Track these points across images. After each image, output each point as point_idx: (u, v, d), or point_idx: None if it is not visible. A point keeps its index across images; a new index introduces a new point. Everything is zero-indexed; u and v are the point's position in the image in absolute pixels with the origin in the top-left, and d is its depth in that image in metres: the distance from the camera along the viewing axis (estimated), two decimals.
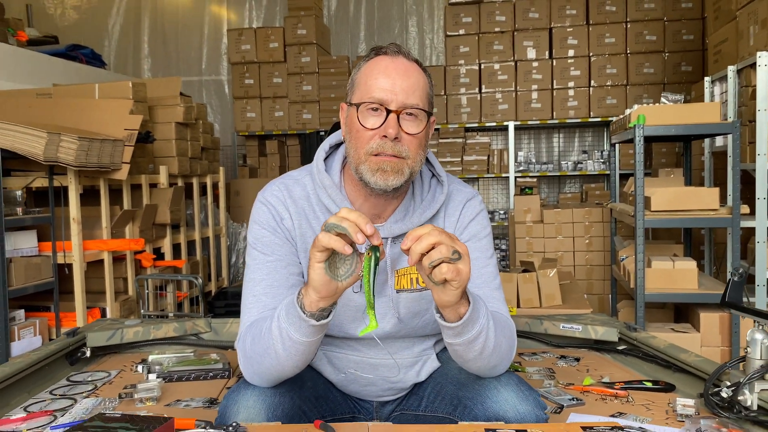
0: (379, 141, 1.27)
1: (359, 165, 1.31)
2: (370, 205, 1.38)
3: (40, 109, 3.92)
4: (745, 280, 1.61)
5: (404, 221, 1.38)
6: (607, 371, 1.87)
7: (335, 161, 1.43)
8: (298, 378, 1.37)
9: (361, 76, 1.33)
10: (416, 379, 1.47)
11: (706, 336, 3.41)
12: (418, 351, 1.47)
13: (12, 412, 1.52)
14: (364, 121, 1.29)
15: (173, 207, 4.29)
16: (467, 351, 1.23)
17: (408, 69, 1.31)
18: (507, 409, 1.27)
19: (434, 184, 1.46)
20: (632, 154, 3.48)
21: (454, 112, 6.40)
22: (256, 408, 1.25)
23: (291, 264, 1.36)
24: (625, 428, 1.24)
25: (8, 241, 3.21)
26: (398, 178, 1.29)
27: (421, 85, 1.31)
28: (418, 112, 1.29)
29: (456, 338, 1.21)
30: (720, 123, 3.41)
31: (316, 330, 1.17)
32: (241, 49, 6.60)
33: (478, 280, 1.38)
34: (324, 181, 1.39)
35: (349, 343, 1.44)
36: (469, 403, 1.33)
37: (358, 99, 1.31)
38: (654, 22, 6.04)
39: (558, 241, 5.39)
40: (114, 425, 0.95)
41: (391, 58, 1.31)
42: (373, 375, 1.44)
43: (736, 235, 3.36)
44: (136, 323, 2.16)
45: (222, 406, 1.30)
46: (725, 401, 1.41)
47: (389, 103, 1.27)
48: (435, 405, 1.42)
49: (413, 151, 1.30)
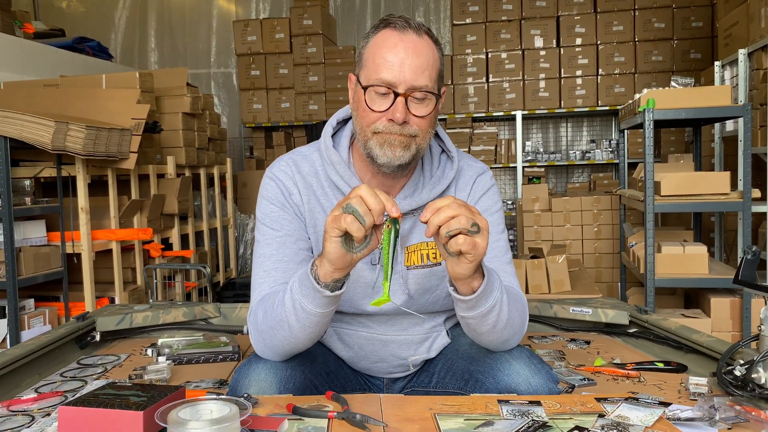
0: (387, 123, 1.26)
1: (367, 141, 1.30)
2: (379, 182, 1.37)
3: (48, 99, 3.93)
4: (758, 258, 1.59)
5: (413, 197, 1.37)
6: (618, 353, 1.86)
7: (343, 137, 1.42)
8: (309, 353, 1.36)
9: (369, 52, 1.29)
10: (427, 355, 1.46)
11: (717, 321, 3.39)
12: (429, 327, 1.46)
13: (23, 393, 1.53)
14: (371, 104, 1.27)
15: (181, 197, 4.29)
16: (480, 324, 1.23)
17: (417, 46, 1.26)
18: (519, 382, 1.26)
19: (444, 160, 1.44)
20: (641, 142, 3.46)
21: (461, 101, 6.38)
22: (267, 381, 1.25)
23: (300, 239, 1.35)
24: (639, 397, 1.23)
25: (17, 231, 3.22)
26: (406, 152, 1.28)
27: (431, 63, 1.27)
28: (427, 94, 1.27)
29: (469, 311, 1.20)
30: (731, 106, 3.37)
31: (330, 301, 1.17)
32: (247, 41, 6.59)
33: (490, 254, 1.37)
34: (332, 157, 1.38)
35: (360, 320, 1.43)
36: (481, 376, 1.32)
37: (366, 79, 1.28)
38: (662, 9, 5.99)
39: (566, 229, 5.37)
40: (125, 393, 0.95)
41: (399, 33, 1.26)
42: (383, 351, 1.44)
43: (747, 219, 3.33)
44: (145, 308, 2.16)
45: (233, 380, 1.30)
46: (738, 380, 1.39)
47: (397, 86, 1.24)
48: (446, 381, 1.41)
49: (423, 130, 1.28)
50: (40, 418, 1.26)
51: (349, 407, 1.16)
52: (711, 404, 1.25)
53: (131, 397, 0.93)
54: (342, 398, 1.20)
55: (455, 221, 1.06)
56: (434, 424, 1.11)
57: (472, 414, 1.15)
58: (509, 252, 1.43)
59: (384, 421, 1.11)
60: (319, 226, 1.38)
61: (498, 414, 1.15)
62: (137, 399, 0.94)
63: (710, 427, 1.14)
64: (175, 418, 0.86)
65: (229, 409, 0.89)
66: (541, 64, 6.21)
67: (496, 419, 1.12)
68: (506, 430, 1.07)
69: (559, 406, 1.18)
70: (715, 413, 1.18)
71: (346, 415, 1.11)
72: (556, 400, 1.21)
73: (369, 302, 1.38)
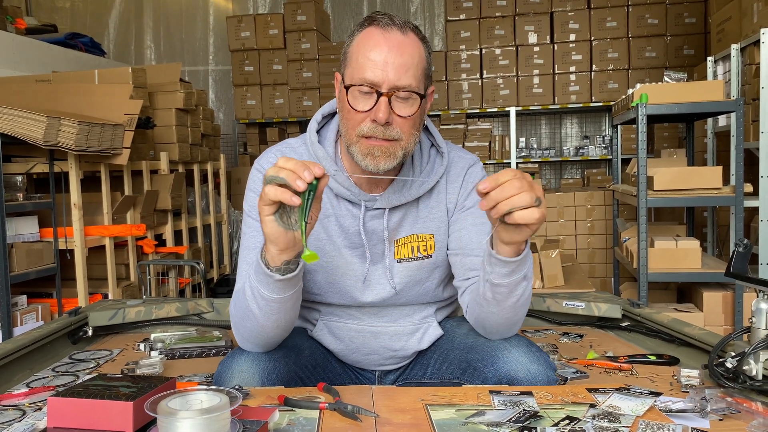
0: (370, 124, 1.24)
1: (350, 146, 1.29)
2: (366, 176, 1.36)
3: (40, 94, 3.91)
4: (750, 251, 1.60)
5: (402, 192, 1.37)
6: (611, 347, 1.87)
7: (329, 131, 1.42)
8: (296, 346, 1.37)
9: (353, 51, 1.28)
10: (418, 346, 1.46)
11: (709, 315, 3.40)
12: (419, 318, 1.46)
13: (15, 387, 1.52)
14: (354, 103, 1.25)
15: (174, 193, 4.28)
16: (508, 296, 1.23)
17: (401, 44, 1.24)
18: (518, 369, 1.26)
19: (434, 155, 1.44)
20: (634, 138, 3.46)
21: (455, 98, 6.38)
22: (250, 372, 1.24)
23: None
24: (631, 388, 1.24)
25: (9, 227, 3.21)
26: (389, 161, 1.27)
27: (416, 62, 1.25)
28: (411, 94, 1.25)
29: (507, 277, 1.20)
30: (723, 101, 3.38)
31: (284, 285, 1.15)
32: (241, 36, 6.57)
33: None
34: (318, 152, 1.38)
35: (350, 312, 1.43)
36: (479, 365, 1.32)
37: (349, 79, 1.27)
38: (656, 5, 6.01)
39: (560, 224, 5.38)
40: (115, 384, 0.94)
41: (383, 31, 1.24)
42: (374, 343, 1.44)
43: (739, 213, 3.35)
44: (138, 303, 2.15)
45: (216, 372, 1.29)
46: (730, 372, 1.39)
47: (380, 85, 1.23)
48: (441, 371, 1.42)
49: (406, 132, 1.26)
50: (32, 412, 1.25)
51: (341, 398, 1.16)
52: (702, 396, 1.25)
53: (121, 388, 0.93)
54: (333, 390, 1.20)
55: (519, 199, 1.05)
56: (426, 414, 1.11)
57: (464, 404, 1.15)
58: None
59: (375, 412, 1.11)
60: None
61: (490, 404, 1.15)
62: (127, 390, 0.94)
63: (701, 418, 1.14)
64: (165, 408, 0.85)
65: (219, 399, 0.89)
66: (534, 60, 6.22)
67: (487, 409, 1.12)
68: (497, 419, 1.07)
69: (551, 396, 1.18)
70: (706, 404, 1.19)
71: (338, 406, 1.11)
72: (548, 391, 1.21)
73: (361, 293, 1.38)
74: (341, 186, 1.36)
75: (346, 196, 1.36)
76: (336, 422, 1.08)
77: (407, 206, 1.39)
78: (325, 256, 1.38)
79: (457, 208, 1.43)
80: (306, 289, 1.42)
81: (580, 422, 1.06)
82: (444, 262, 1.43)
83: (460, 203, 1.43)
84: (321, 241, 1.38)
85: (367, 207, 1.37)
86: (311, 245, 1.36)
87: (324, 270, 1.39)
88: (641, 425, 1.06)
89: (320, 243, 1.38)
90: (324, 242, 1.38)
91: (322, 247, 1.38)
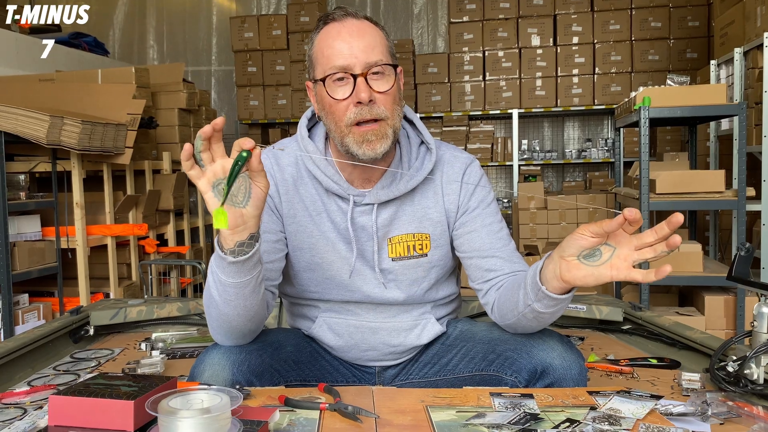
0: (355, 109, 1.26)
1: (343, 138, 1.30)
2: (359, 171, 1.37)
3: (43, 93, 3.92)
4: (752, 255, 1.59)
5: (391, 187, 1.37)
6: (612, 350, 1.86)
7: (319, 128, 1.43)
8: (276, 341, 1.38)
9: (317, 50, 1.31)
10: (417, 342, 1.46)
11: (711, 319, 3.40)
12: (417, 314, 1.46)
13: (16, 386, 1.52)
14: (333, 94, 1.27)
15: (176, 193, 4.29)
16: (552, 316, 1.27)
17: (360, 28, 1.28)
18: (554, 356, 1.28)
19: (423, 151, 1.44)
20: (636, 141, 3.46)
21: (457, 99, 6.38)
22: (220, 364, 1.24)
23: (267, 231, 1.36)
24: (632, 391, 1.24)
25: (12, 226, 3.21)
26: (384, 142, 1.29)
27: (379, 41, 1.29)
28: (385, 68, 1.28)
29: (553, 307, 1.23)
30: (726, 104, 3.38)
31: (239, 269, 1.14)
32: (244, 37, 6.58)
33: (498, 243, 1.39)
34: (308, 147, 1.39)
35: (348, 308, 1.44)
36: (512, 354, 1.33)
37: (321, 73, 1.29)
38: (659, 9, 6.00)
39: (561, 227, 5.37)
40: (116, 383, 0.95)
41: (339, 23, 1.29)
42: (373, 339, 1.45)
43: (741, 217, 3.34)
44: (139, 302, 2.15)
45: (191, 369, 1.29)
46: (731, 375, 1.39)
47: (353, 68, 1.26)
48: (459, 367, 1.42)
49: (390, 109, 1.29)
50: (32, 410, 1.25)
51: (342, 399, 1.16)
52: (703, 399, 1.25)
53: (122, 387, 0.93)
54: (334, 390, 1.20)
55: (650, 251, 1.09)
56: (426, 415, 1.11)
57: (464, 406, 1.15)
58: (511, 238, 1.45)
59: (376, 413, 1.11)
60: (298, 215, 1.39)
61: (490, 406, 1.15)
62: (128, 389, 0.94)
63: (702, 422, 1.14)
64: (165, 408, 0.85)
65: (220, 398, 0.89)
66: (537, 62, 6.22)
67: (488, 411, 1.12)
68: (498, 421, 1.07)
69: (551, 398, 1.18)
70: (707, 408, 1.19)
71: (338, 407, 1.11)
72: (548, 393, 1.21)
73: (359, 287, 1.40)
74: (330, 180, 1.37)
75: (336, 190, 1.37)
76: (336, 423, 1.08)
77: (399, 204, 1.39)
78: (319, 253, 1.39)
79: (461, 211, 1.42)
80: (304, 287, 1.43)
81: (581, 425, 1.06)
82: (440, 261, 1.44)
83: (463, 205, 1.43)
84: (314, 237, 1.39)
85: (356, 202, 1.37)
86: (304, 242, 1.39)
87: (319, 266, 1.40)
88: (642, 428, 1.06)
89: (313, 239, 1.39)
90: (317, 238, 1.39)
91: (315, 243, 1.39)
